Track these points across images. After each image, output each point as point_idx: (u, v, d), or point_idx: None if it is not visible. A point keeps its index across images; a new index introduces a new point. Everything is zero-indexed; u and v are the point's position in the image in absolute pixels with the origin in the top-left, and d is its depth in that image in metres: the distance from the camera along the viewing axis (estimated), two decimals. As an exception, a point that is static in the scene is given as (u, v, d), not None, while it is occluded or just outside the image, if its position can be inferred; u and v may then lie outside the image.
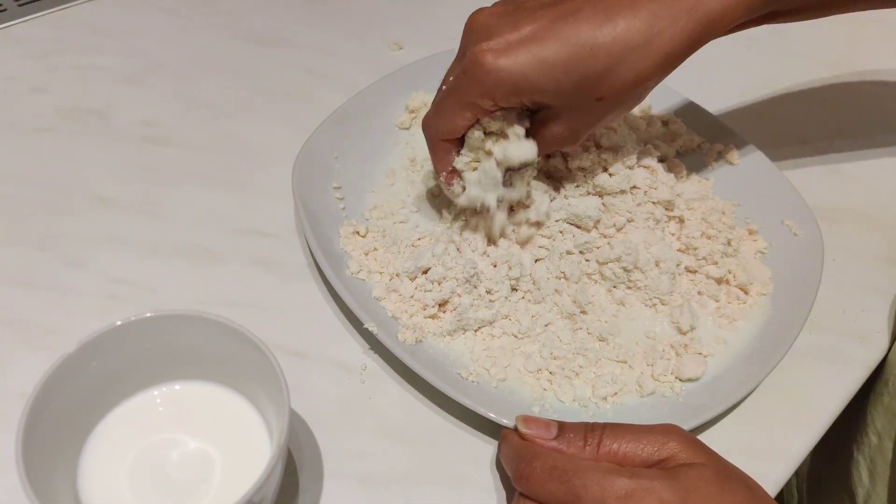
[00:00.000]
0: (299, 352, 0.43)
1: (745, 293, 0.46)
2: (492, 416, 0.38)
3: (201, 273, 0.46)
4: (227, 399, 0.36)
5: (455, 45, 0.58)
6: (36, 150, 0.53)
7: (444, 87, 0.42)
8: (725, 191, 0.52)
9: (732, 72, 0.64)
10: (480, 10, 0.40)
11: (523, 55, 0.37)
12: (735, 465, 0.35)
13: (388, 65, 0.60)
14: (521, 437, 0.36)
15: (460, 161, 0.43)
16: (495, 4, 0.41)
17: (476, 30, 0.40)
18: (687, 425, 0.39)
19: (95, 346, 0.33)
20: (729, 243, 0.47)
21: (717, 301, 0.46)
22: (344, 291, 0.42)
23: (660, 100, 0.56)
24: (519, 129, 0.41)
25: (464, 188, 0.44)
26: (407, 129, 0.54)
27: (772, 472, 0.40)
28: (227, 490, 0.33)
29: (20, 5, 0.63)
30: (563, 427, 0.35)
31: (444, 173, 0.44)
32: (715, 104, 0.59)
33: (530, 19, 0.38)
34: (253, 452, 0.34)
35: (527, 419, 0.36)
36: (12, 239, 0.47)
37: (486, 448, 0.40)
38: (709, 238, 0.47)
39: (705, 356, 0.43)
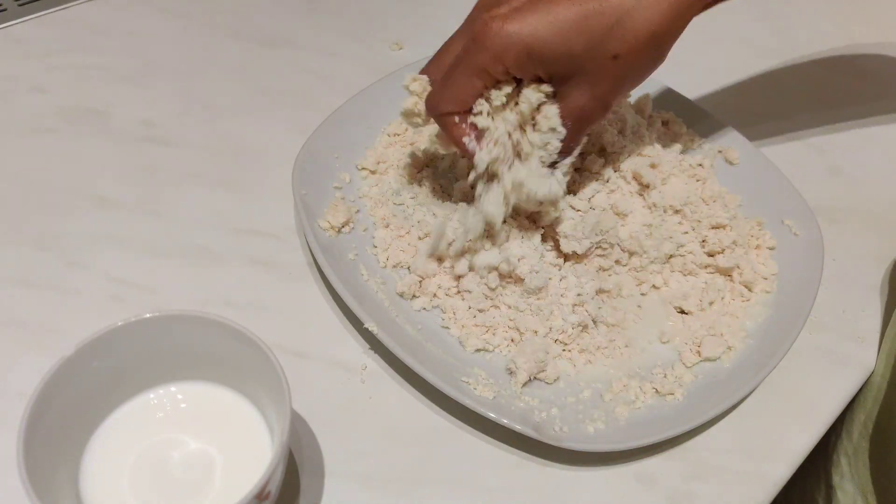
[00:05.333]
0: (299, 352, 0.43)
1: (749, 290, 0.46)
2: (492, 416, 0.38)
3: (201, 273, 0.46)
4: (227, 399, 0.36)
5: (455, 45, 0.59)
6: (36, 150, 0.53)
7: (443, 62, 0.42)
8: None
9: (732, 72, 0.64)
10: None
11: (531, 18, 0.38)
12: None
13: (388, 65, 0.60)
14: None
15: (480, 119, 0.41)
16: None
17: (482, 3, 0.40)
18: (687, 425, 0.39)
19: (95, 348, 0.33)
20: (735, 243, 0.47)
21: (723, 298, 0.46)
22: (344, 291, 0.42)
23: (660, 100, 0.56)
24: (551, 111, 0.40)
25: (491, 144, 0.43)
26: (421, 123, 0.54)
27: (772, 472, 0.40)
28: (228, 490, 0.33)
29: (20, 5, 0.63)
30: None
31: (467, 138, 0.42)
32: (715, 104, 0.59)
33: None
34: (254, 452, 0.34)
35: None
36: (12, 239, 0.47)
37: (486, 448, 0.40)
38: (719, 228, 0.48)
39: (724, 336, 0.44)
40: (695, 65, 0.44)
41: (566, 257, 0.45)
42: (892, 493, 0.45)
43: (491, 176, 0.42)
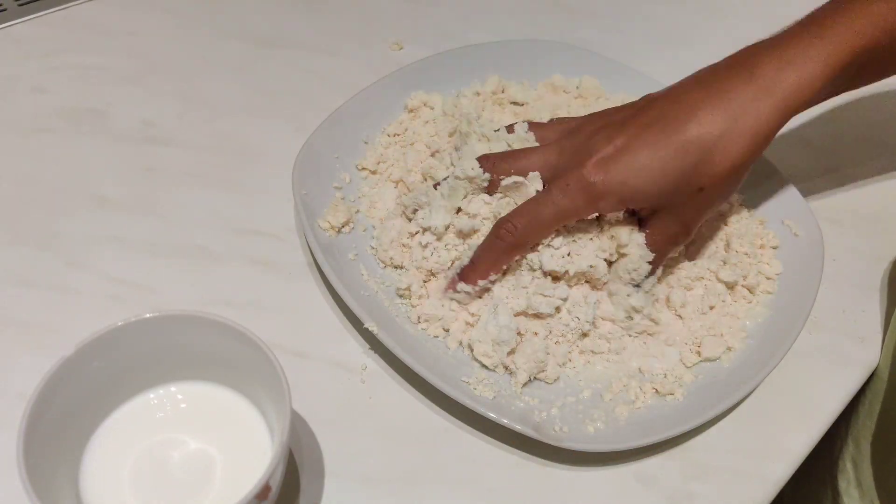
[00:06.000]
0: (299, 352, 0.43)
1: (752, 293, 0.46)
2: (492, 416, 0.38)
3: (201, 273, 0.46)
4: (227, 399, 0.36)
5: (454, 44, 0.59)
6: (36, 150, 0.53)
7: (542, 198, 0.42)
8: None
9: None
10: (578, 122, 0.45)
11: (621, 167, 0.40)
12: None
13: (388, 65, 0.60)
14: None
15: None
16: (587, 119, 0.45)
17: (575, 149, 0.42)
18: (687, 425, 0.39)
19: (95, 348, 0.33)
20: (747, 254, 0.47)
21: (723, 301, 0.46)
22: (344, 291, 0.42)
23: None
24: (640, 238, 0.43)
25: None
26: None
27: (772, 472, 0.40)
28: (228, 490, 0.33)
29: (20, 5, 0.63)
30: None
31: (494, 275, 0.43)
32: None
33: (620, 132, 0.41)
34: (254, 452, 0.34)
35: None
36: (12, 239, 0.47)
37: (487, 448, 0.40)
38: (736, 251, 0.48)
39: (724, 336, 0.44)
40: (694, 66, 0.44)
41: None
42: None
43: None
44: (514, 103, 0.56)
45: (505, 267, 0.43)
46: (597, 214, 0.42)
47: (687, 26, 0.69)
